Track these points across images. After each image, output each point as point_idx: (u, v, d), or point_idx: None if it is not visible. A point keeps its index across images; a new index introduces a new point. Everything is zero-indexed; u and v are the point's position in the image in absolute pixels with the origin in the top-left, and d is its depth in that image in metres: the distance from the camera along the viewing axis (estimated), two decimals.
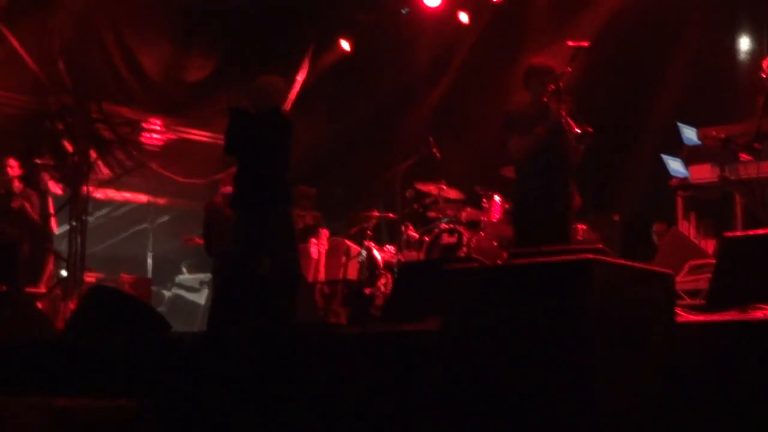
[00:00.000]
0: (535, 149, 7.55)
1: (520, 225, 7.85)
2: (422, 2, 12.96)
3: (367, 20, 13.60)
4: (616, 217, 11.06)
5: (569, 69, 7.48)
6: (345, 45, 13.91)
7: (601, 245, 7.72)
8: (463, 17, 13.12)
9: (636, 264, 4.50)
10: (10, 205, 10.50)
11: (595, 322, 3.89)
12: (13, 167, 10.80)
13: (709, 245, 8.71)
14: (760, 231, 6.28)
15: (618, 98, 11.67)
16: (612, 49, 11.24)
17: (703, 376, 4.04)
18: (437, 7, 12.97)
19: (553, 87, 7.37)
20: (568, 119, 7.45)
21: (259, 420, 5.16)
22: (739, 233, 7.62)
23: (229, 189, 9.10)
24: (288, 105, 9.02)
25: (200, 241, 10.71)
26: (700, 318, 4.83)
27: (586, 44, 7.61)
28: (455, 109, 13.25)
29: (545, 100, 7.41)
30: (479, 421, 4.14)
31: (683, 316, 4.92)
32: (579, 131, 7.47)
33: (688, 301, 6.67)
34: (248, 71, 8.42)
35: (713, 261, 6.53)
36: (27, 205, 10.58)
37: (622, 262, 4.42)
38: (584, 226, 10.00)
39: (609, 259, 4.23)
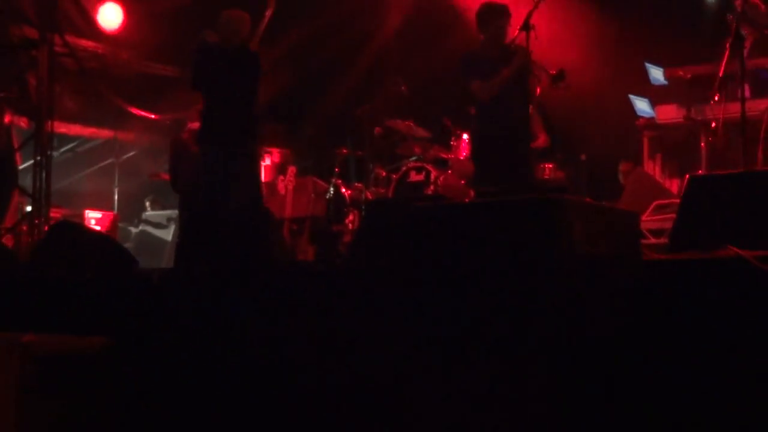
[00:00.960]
0: (500, 91, 7.59)
1: (482, 164, 7.89)
2: None
3: None
4: (583, 157, 11.10)
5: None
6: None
7: (566, 184, 7.79)
8: None
9: (601, 203, 4.54)
10: None
11: (560, 260, 3.93)
12: None
13: (674, 185, 8.77)
14: (725, 171, 6.33)
15: (585, 37, 11.64)
16: None
17: (668, 315, 4.09)
18: None
19: (519, 26, 7.39)
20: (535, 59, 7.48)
21: (227, 356, 5.19)
22: (703, 173, 7.69)
23: (195, 125, 9.05)
24: (256, 41, 8.95)
25: (166, 177, 10.66)
26: (665, 257, 4.88)
27: None
28: (423, 46, 13.18)
29: (508, 42, 7.43)
30: (448, 361, 4.18)
31: (648, 255, 4.97)
32: (553, 72, 7.49)
33: (653, 240, 6.73)
34: (216, 6, 8.32)
35: (678, 201, 6.58)
36: None
37: (587, 200, 4.45)
38: (551, 165, 10.04)
39: (574, 197, 4.26)
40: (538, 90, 7.69)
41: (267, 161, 12.11)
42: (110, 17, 12.87)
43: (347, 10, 13.65)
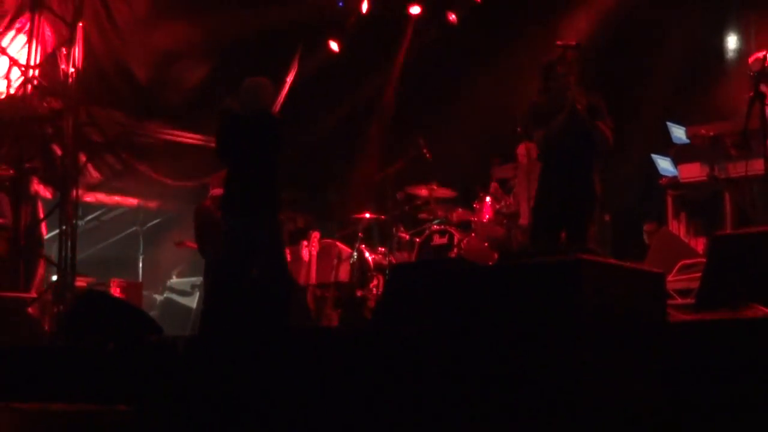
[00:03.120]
0: (554, 137, 7.47)
1: (537, 222, 7.73)
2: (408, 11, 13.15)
3: (353, 22, 13.60)
4: (607, 217, 11.07)
5: (560, 69, 7.48)
6: (334, 46, 13.91)
7: (591, 245, 7.73)
8: (452, 17, 13.17)
9: (626, 264, 4.52)
10: None
11: (585, 322, 3.90)
12: None
13: (699, 244, 8.72)
14: (750, 230, 6.30)
15: (606, 98, 11.68)
16: (600, 49, 11.25)
17: (695, 375, 4.05)
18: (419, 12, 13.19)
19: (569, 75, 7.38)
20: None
21: (251, 423, 5.17)
22: (728, 232, 7.65)
23: (218, 191, 9.10)
24: (277, 107, 9.03)
25: (192, 245, 10.69)
26: (691, 317, 4.85)
27: (573, 43, 7.61)
28: (445, 109, 13.25)
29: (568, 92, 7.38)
30: (471, 421, 4.15)
31: (674, 315, 4.94)
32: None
33: (679, 300, 6.69)
34: (238, 74, 8.40)
35: (703, 260, 6.54)
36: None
37: (613, 261, 4.44)
38: None
39: (599, 259, 4.24)
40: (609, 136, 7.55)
41: (290, 227, 12.14)
42: None
43: (365, 74, 13.79)
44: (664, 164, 9.18)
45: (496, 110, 11.18)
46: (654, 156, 9.25)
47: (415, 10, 13.29)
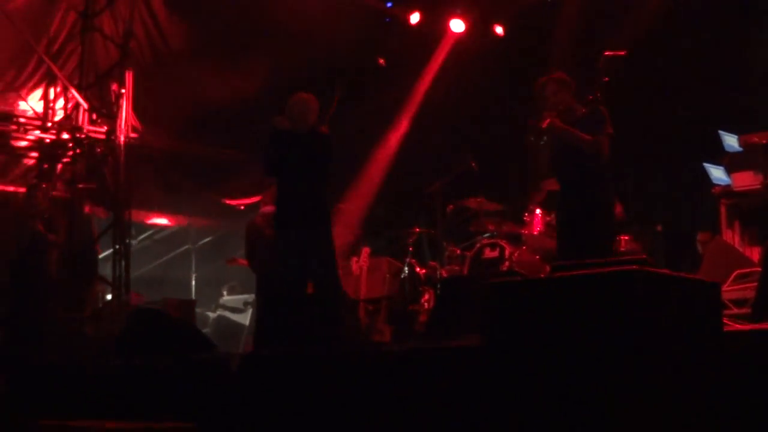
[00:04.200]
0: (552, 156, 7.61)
1: (563, 237, 7.81)
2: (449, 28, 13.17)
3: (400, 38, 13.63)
4: (659, 228, 10.98)
5: (606, 78, 7.45)
6: (381, 62, 13.94)
7: (645, 256, 7.69)
8: (499, 30, 13.15)
9: (681, 274, 4.47)
10: (35, 228, 10.58)
11: (641, 334, 3.86)
12: (40, 189, 10.87)
13: (755, 253, 8.63)
14: None
15: (658, 107, 11.61)
16: (651, 59, 11.18)
17: (753, 387, 4.00)
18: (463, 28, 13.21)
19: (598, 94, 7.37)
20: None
21: None
22: None
23: (269, 208, 9.14)
24: (326, 122, 9.05)
25: (243, 262, 10.75)
26: (748, 327, 4.79)
27: (623, 53, 7.58)
28: (494, 122, 13.23)
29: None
30: None
31: (730, 326, 4.88)
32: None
33: (735, 310, 6.61)
34: (285, 90, 8.45)
35: (759, 269, 6.47)
36: (40, 225, 10.61)
37: (667, 272, 4.39)
38: (627, 237, 9.94)
39: (653, 269, 4.20)
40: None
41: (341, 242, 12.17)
42: None
43: (413, 89, 13.81)
44: (717, 173, 9.10)
45: None
46: (706, 165, 9.16)
47: (458, 25, 13.27)
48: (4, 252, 10.81)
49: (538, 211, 10.33)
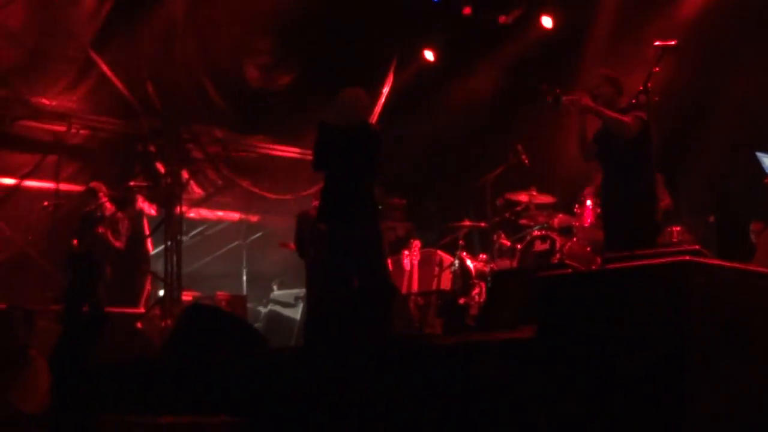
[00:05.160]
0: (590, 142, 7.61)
1: (608, 228, 7.80)
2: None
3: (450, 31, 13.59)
4: (711, 219, 10.87)
5: (657, 68, 7.39)
6: (429, 55, 13.93)
7: (698, 246, 7.61)
8: (547, 22, 13.05)
9: (735, 264, 4.42)
10: (96, 230, 10.68)
11: (696, 325, 3.83)
12: (103, 191, 10.96)
13: None
14: None
15: (710, 96, 11.47)
16: (703, 46, 11.05)
17: None
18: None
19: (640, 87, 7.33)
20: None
21: None
22: None
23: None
24: (374, 117, 9.05)
25: (293, 247, 10.77)
26: None
27: (673, 43, 7.50)
28: (543, 115, 13.16)
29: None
30: (577, 427, 4.10)
31: None
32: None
33: None
34: (334, 86, 8.47)
35: None
36: (109, 232, 10.71)
37: (721, 262, 4.34)
38: (679, 228, 9.84)
39: (708, 260, 4.16)
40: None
41: (391, 236, 12.18)
42: None
43: (465, 81, 13.77)
44: None
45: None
46: (759, 154, 9.05)
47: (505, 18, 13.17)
48: (63, 250, 10.93)
49: (589, 202, 10.25)
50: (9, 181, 12.09)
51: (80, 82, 12.28)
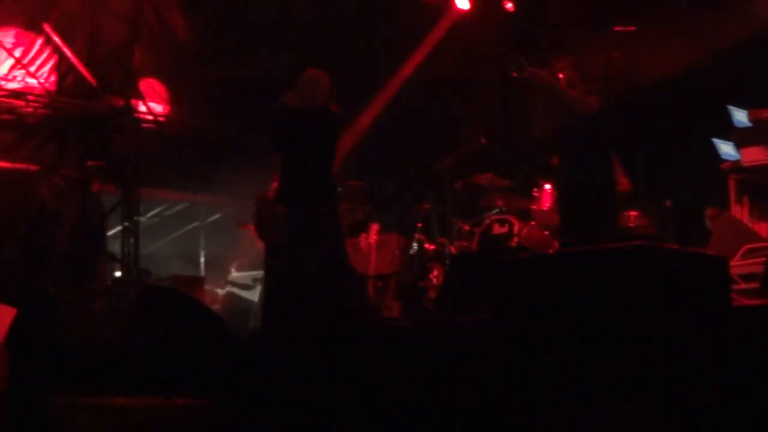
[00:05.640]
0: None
1: (564, 211, 7.86)
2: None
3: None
4: (668, 203, 10.96)
5: (617, 54, 7.46)
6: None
7: (653, 231, 7.70)
8: (508, 5, 13.00)
9: (689, 249, 4.47)
10: (45, 212, 10.60)
11: (648, 308, 3.87)
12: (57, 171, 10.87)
13: (763, 228, 8.61)
14: None
15: (666, 83, 11.55)
16: (658, 33, 11.12)
17: (759, 360, 4.00)
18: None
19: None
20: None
21: (316, 414, 5.19)
22: None
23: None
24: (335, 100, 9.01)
25: (252, 228, 10.73)
26: (756, 302, 4.79)
27: (632, 29, 7.57)
28: (503, 98, 13.19)
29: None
30: (534, 408, 4.14)
31: (738, 300, 4.88)
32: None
33: (744, 285, 6.60)
34: (293, 66, 8.45)
35: None
36: (62, 211, 10.63)
37: (675, 247, 4.39)
38: (636, 213, 9.93)
39: (662, 244, 4.20)
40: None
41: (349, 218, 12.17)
42: None
43: (424, 66, 13.75)
44: (726, 148, 9.07)
45: None
46: (715, 140, 9.13)
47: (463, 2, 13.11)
48: (15, 229, 10.83)
49: (547, 186, 10.31)
50: None
51: (38, 60, 12.16)
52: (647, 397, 3.85)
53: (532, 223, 10.26)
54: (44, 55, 12.16)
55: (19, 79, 12.05)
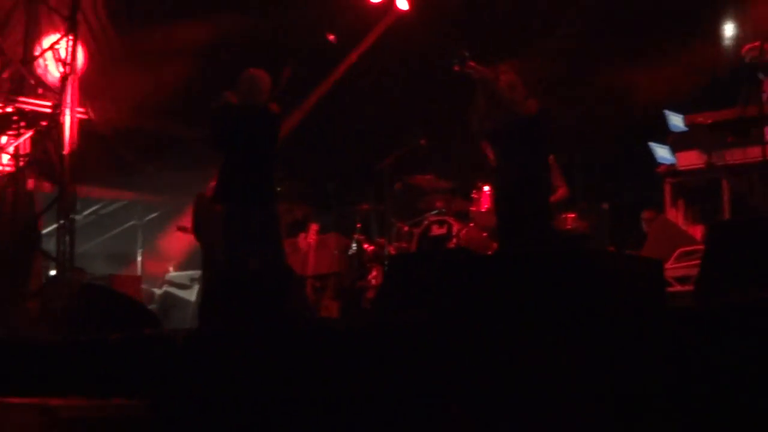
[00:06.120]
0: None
1: (500, 213, 7.91)
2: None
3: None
4: (605, 206, 11.07)
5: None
6: (331, 39, 13.86)
7: (588, 233, 7.78)
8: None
9: (625, 252, 4.52)
10: None
11: (585, 309, 3.90)
12: None
13: (698, 231, 8.72)
14: (748, 217, 6.31)
15: (604, 87, 11.67)
16: (596, 38, 11.25)
17: (694, 362, 4.05)
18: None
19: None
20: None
21: (252, 416, 5.17)
22: (727, 219, 7.66)
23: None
24: (276, 99, 8.97)
25: (189, 229, 10.68)
26: (690, 304, 4.85)
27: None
28: (443, 100, 13.22)
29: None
30: (472, 409, 4.16)
31: (673, 302, 4.94)
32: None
33: (678, 287, 6.69)
34: (235, 66, 8.41)
35: (702, 247, 6.55)
36: None
37: (610, 250, 4.44)
38: (573, 215, 10.02)
39: (597, 248, 4.25)
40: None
41: (288, 218, 12.13)
42: None
43: (362, 65, 13.74)
44: (662, 152, 9.17)
45: None
46: (651, 144, 9.24)
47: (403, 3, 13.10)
48: None
49: (486, 188, 10.36)
50: None
51: None
52: (582, 398, 3.88)
53: (471, 224, 10.31)
54: None
55: None
